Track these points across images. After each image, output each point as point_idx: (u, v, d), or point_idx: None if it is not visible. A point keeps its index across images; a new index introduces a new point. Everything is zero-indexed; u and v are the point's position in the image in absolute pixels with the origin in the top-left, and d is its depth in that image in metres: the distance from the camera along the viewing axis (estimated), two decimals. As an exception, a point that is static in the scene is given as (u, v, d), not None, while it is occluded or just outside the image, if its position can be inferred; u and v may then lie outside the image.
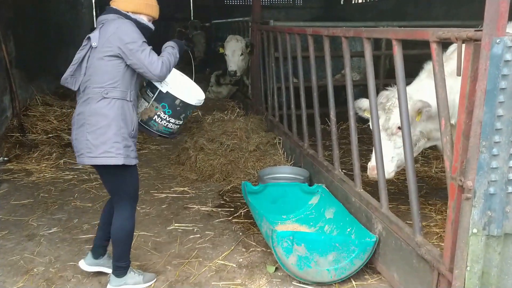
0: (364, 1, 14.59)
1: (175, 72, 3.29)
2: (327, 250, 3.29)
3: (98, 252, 3.46)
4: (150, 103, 3.20)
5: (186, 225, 4.36)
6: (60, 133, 7.12)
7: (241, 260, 3.75)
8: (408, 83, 3.31)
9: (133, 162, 3.11)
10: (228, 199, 4.92)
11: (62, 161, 6.07)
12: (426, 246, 2.92)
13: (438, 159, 5.97)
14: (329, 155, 5.65)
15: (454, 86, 2.81)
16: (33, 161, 6.04)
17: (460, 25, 6.31)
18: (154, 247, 3.96)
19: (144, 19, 3.17)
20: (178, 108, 3.21)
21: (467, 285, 2.53)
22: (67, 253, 3.86)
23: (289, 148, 5.78)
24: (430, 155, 6.18)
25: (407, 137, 3.07)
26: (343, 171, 4.43)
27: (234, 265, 3.67)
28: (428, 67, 3.81)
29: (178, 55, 3.22)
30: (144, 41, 3.02)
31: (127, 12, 3.11)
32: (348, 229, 3.74)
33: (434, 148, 4.31)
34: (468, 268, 2.51)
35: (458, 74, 2.43)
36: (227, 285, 3.41)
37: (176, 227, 4.32)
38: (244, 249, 3.92)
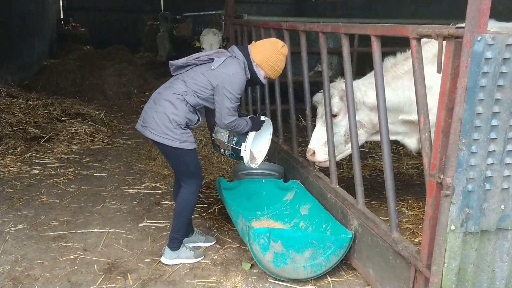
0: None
1: (262, 150, 3.91)
2: (303, 246, 3.27)
3: (187, 231, 3.75)
4: (227, 144, 3.67)
5: (159, 221, 4.27)
6: (25, 126, 6.87)
7: (216, 257, 3.70)
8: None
9: (191, 146, 3.40)
10: (201, 195, 4.83)
11: (27, 155, 5.86)
12: (403, 242, 2.93)
13: (408, 156, 6.05)
14: (303, 151, 5.66)
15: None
16: (-3, 155, 5.81)
17: (430, 23, 6.40)
18: (126, 245, 3.85)
19: (261, 74, 3.49)
20: (239, 159, 3.71)
21: (444, 282, 2.55)
22: (34, 251, 3.72)
23: (263, 144, 5.73)
24: (400, 152, 6.26)
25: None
26: (317, 167, 4.41)
27: (209, 262, 3.61)
28: (385, 63, 3.80)
29: (244, 129, 3.54)
30: (239, 98, 3.38)
31: (253, 60, 3.44)
32: (324, 226, 3.73)
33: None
34: (445, 264, 2.52)
35: (439, 71, 2.43)
36: (202, 283, 3.35)
37: (148, 224, 4.23)
38: (218, 246, 3.86)
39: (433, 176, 2.52)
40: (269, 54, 3.45)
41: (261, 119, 3.70)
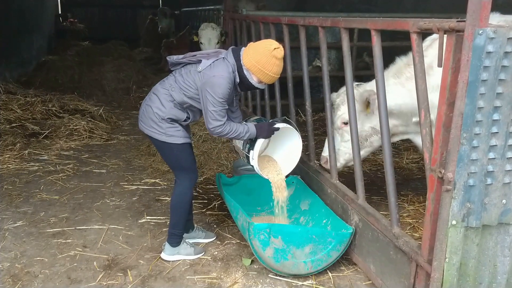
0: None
1: (289, 160, 3.74)
2: (304, 242, 3.26)
3: (187, 227, 3.75)
4: (242, 151, 3.54)
5: (158, 217, 4.26)
6: (24, 123, 6.85)
7: (216, 253, 3.69)
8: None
9: (178, 141, 3.35)
10: (201, 191, 4.83)
11: (26, 151, 5.84)
12: (403, 237, 2.92)
13: (408, 150, 6.03)
14: (303, 146, 5.63)
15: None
16: (-4, 151, 5.79)
17: (429, 17, 6.37)
18: (126, 241, 3.84)
19: (253, 79, 3.26)
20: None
21: (446, 276, 2.54)
22: (34, 247, 3.70)
23: (262, 139, 5.70)
24: (400, 146, 6.24)
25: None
26: (318, 162, 4.40)
27: (209, 258, 3.60)
28: (394, 66, 3.77)
29: (244, 136, 3.35)
30: (222, 101, 3.16)
31: (243, 64, 3.22)
32: (324, 221, 3.72)
33: (406, 140, 4.30)
34: (447, 259, 2.51)
35: (439, 65, 2.41)
36: (202, 279, 3.34)
37: (148, 220, 4.21)
38: (219, 242, 3.85)
39: (434, 171, 2.51)
40: (259, 58, 3.16)
41: (277, 126, 3.42)
